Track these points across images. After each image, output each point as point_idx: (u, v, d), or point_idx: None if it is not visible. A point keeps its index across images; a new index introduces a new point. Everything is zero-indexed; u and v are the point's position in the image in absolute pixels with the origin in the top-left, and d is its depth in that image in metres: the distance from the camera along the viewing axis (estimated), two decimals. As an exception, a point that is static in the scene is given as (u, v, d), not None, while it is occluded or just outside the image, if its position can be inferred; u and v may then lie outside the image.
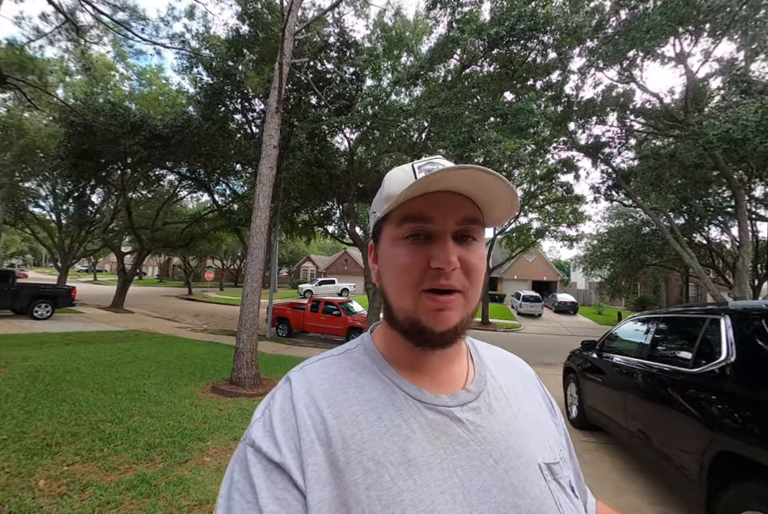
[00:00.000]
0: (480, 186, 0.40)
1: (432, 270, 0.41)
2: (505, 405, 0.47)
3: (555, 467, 0.44)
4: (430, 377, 0.45)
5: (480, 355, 0.53)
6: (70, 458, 2.54)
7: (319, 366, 0.46)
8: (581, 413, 3.98)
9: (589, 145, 11.90)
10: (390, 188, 0.44)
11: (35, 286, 10.18)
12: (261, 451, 0.37)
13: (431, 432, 0.40)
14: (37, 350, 5.99)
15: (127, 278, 14.24)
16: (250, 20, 8.33)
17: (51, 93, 9.10)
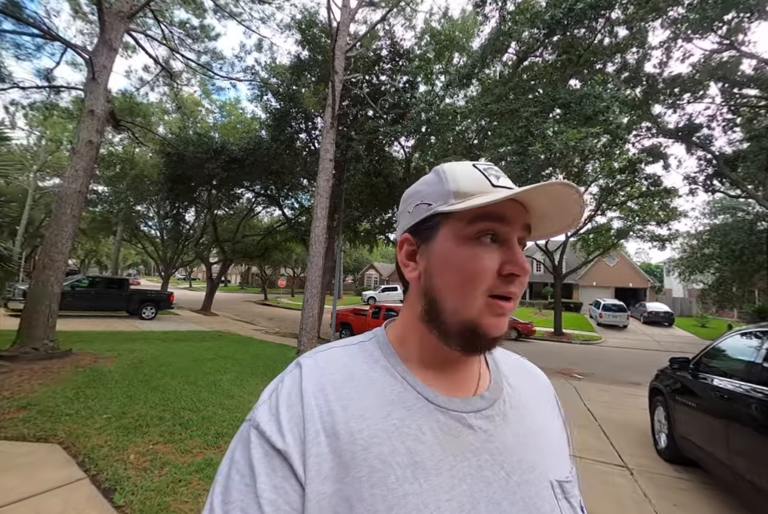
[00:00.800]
0: (553, 200, 0.40)
1: (502, 275, 0.39)
2: (521, 416, 0.45)
3: (567, 485, 0.42)
4: (445, 381, 0.44)
5: (496, 361, 0.51)
6: (155, 438, 2.95)
7: (331, 355, 0.45)
8: (671, 443, 3.41)
9: (680, 128, 10.36)
10: (460, 184, 0.42)
11: (143, 292, 12.09)
12: (265, 435, 0.37)
13: (442, 436, 0.39)
14: (142, 345, 7.07)
15: (213, 285, 16.14)
16: (309, 45, 9.04)
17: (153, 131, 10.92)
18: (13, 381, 3.98)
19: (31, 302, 5.32)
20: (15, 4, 6.00)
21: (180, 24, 8.95)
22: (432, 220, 0.43)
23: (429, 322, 0.43)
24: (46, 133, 15.17)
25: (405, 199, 0.48)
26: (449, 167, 0.45)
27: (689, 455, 3.12)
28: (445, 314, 0.41)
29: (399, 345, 0.46)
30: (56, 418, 3.14)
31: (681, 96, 9.64)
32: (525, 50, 7.41)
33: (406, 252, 0.46)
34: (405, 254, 0.46)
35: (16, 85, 7.41)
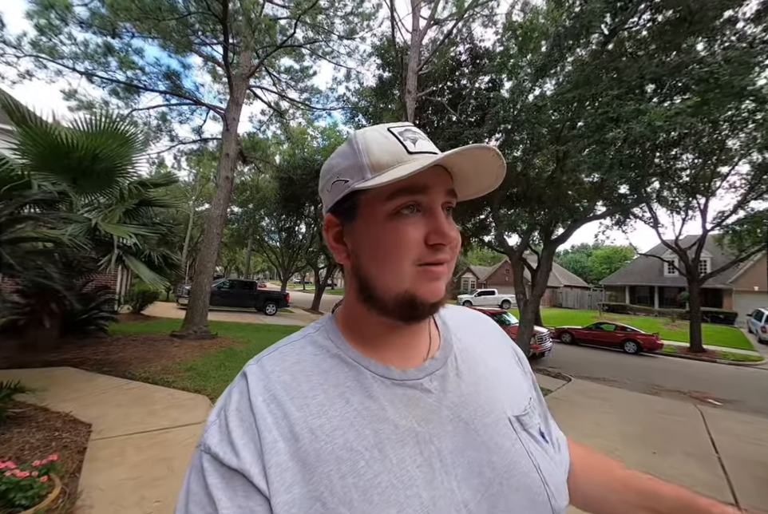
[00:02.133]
0: (474, 161, 0.40)
1: (430, 245, 0.39)
2: (473, 366, 0.46)
3: (524, 418, 0.45)
4: (397, 353, 0.44)
5: (443, 319, 0.51)
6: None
7: (278, 355, 0.43)
8: None
9: None
10: (374, 155, 0.39)
11: (267, 292, 14.66)
12: (218, 457, 0.35)
13: (403, 408, 0.40)
14: (264, 334, 8.75)
15: (320, 287, 18.39)
16: (389, 67, 9.86)
17: (269, 161, 13.35)
18: (182, 352, 5.67)
19: (192, 297, 7.26)
20: (177, 86, 8.36)
21: (285, 70, 10.91)
22: (351, 199, 0.41)
23: (366, 302, 0.42)
24: (200, 171, 19.84)
25: (322, 176, 0.45)
26: (362, 135, 0.41)
27: None
28: (378, 292, 0.40)
29: (346, 327, 0.45)
30: (206, 379, 4.41)
31: None
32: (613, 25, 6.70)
33: (333, 234, 0.44)
34: (332, 236, 0.44)
35: (181, 142, 10.34)
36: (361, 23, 10.04)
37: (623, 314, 23.79)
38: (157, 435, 2.87)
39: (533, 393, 0.51)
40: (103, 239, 4.18)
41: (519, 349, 0.56)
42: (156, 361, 5.09)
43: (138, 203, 5.01)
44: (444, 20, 8.78)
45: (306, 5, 8.46)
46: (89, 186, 4.63)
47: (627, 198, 11.04)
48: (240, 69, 7.87)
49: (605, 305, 25.31)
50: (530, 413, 0.46)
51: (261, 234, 21.28)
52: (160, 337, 6.84)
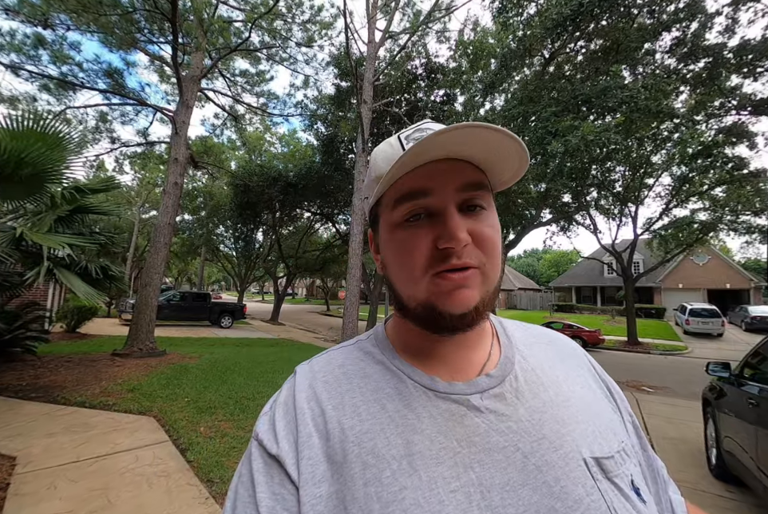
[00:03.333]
0: (478, 145, 0.35)
1: (440, 251, 0.36)
2: (538, 390, 0.40)
3: (608, 462, 0.36)
4: (445, 365, 0.41)
5: (509, 336, 0.47)
6: (220, 417, 3.70)
7: (327, 358, 0.44)
8: (719, 459, 3.12)
9: (763, 100, 8.99)
10: (378, 167, 0.40)
11: (222, 304, 13.92)
12: (263, 444, 0.37)
13: (443, 423, 0.36)
14: (219, 349, 8.30)
15: (280, 297, 17.82)
16: (346, 76, 9.99)
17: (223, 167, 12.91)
18: (124, 372, 5.20)
19: (137, 312, 6.73)
20: (120, 84, 7.85)
21: (240, 74, 10.65)
22: (372, 213, 0.43)
23: (399, 310, 0.42)
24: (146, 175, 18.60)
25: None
26: (374, 150, 0.42)
27: (734, 471, 2.85)
28: (404, 301, 0.40)
29: (396, 338, 0.45)
30: (152, 399, 4.09)
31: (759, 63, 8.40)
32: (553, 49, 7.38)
33: (373, 247, 0.46)
34: (373, 249, 0.46)
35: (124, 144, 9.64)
36: (319, 32, 10.11)
37: (570, 313, 25.59)
38: (93, 463, 2.62)
39: (631, 438, 0.43)
40: (31, 250, 3.76)
41: (614, 384, 0.47)
42: (94, 383, 4.64)
43: (73, 211, 4.59)
44: (398, 34, 9.10)
45: (263, 10, 8.36)
46: (12, 192, 4.17)
47: (570, 206, 12.02)
48: (191, 71, 7.56)
49: (555, 305, 27.06)
50: (618, 458, 0.37)
51: (215, 243, 20.29)
52: (99, 356, 6.24)
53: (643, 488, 0.38)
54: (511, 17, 7.32)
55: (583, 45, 7.85)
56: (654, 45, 7.96)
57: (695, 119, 10.00)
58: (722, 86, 8.88)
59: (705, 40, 7.91)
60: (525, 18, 7.14)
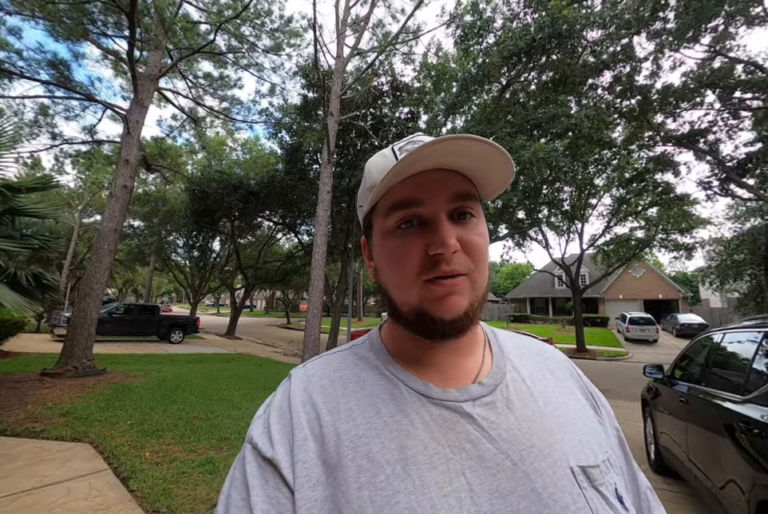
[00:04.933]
0: (468, 156, 0.37)
1: (430, 257, 0.37)
2: (528, 400, 0.41)
3: (593, 471, 0.37)
4: (439, 371, 0.42)
5: (500, 345, 0.48)
6: (168, 441, 3.41)
7: (322, 362, 0.45)
8: (657, 454, 3.39)
9: (684, 136, 10.25)
10: (372, 177, 0.42)
11: (172, 317, 13.01)
12: (257, 447, 0.37)
13: (436, 429, 0.37)
14: (168, 366, 7.69)
15: (237, 310, 16.98)
16: (313, 88, 10.06)
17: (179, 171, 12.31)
18: (55, 394, 4.64)
19: (73, 326, 6.08)
20: (66, 76, 7.29)
21: (204, 76, 10.31)
22: (366, 220, 0.45)
23: (392, 316, 0.43)
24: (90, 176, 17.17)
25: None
26: (369, 160, 0.44)
27: (669, 465, 3.08)
28: (397, 307, 0.41)
29: (391, 344, 0.45)
30: (88, 423, 3.68)
31: (678, 105, 9.66)
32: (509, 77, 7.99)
33: (367, 255, 0.47)
34: (367, 256, 0.47)
35: (66, 142, 8.82)
36: (287, 41, 10.11)
37: (525, 323, 26.88)
38: (16, 499, 2.29)
39: (616, 451, 0.44)
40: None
41: (601, 397, 0.49)
42: (18, 407, 4.09)
43: (2, 212, 4.13)
44: (366, 51, 9.36)
45: (231, 14, 8.23)
46: (-73, 189, 3.68)
47: (524, 222, 12.82)
48: (149, 69, 7.20)
49: (511, 316, 28.31)
50: (603, 467, 0.38)
51: (167, 251, 19.03)
52: (24, 377, 5.53)
53: (626, 497, 0.39)
54: (471, 45, 7.85)
55: (536, 75, 8.59)
56: (596, 81, 8.93)
57: (630, 148, 11.22)
58: (651, 121, 10.09)
59: (636, 81, 8.99)
60: (485, 47, 7.69)
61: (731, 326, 2.89)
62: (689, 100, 9.49)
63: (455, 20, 7.88)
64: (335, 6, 7.28)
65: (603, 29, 6.93)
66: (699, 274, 20.59)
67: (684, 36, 7.51)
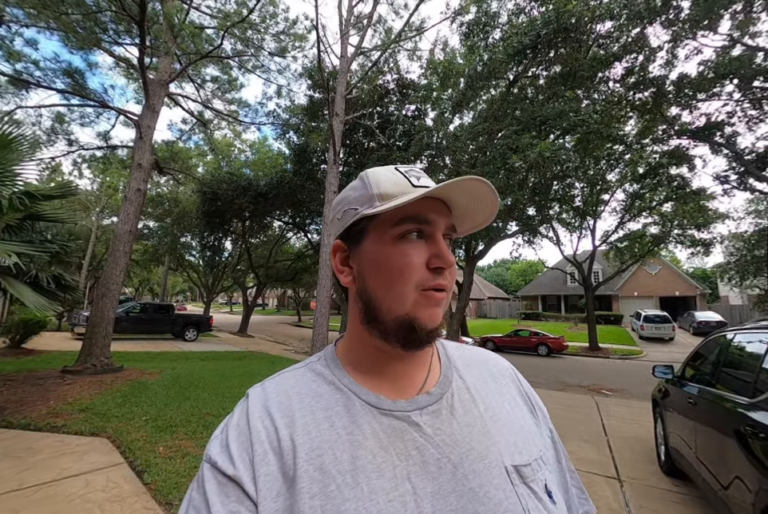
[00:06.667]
0: (470, 195, 0.43)
1: (430, 269, 0.41)
2: (471, 406, 0.45)
3: (525, 469, 0.41)
4: (393, 383, 0.44)
5: (449, 355, 0.51)
6: (181, 436, 3.53)
7: (279, 380, 0.46)
8: (667, 455, 3.32)
9: (700, 128, 9.92)
10: (382, 187, 0.43)
11: (186, 316, 13.31)
12: (216, 465, 0.38)
13: (385, 438, 0.40)
14: (182, 363, 7.91)
15: (249, 308, 17.28)
16: (318, 88, 10.12)
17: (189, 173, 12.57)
18: (75, 390, 4.85)
19: (91, 325, 6.31)
20: (80, 85, 7.52)
21: (211, 80, 10.49)
22: (360, 224, 0.44)
23: (368, 324, 0.44)
24: (106, 180, 17.65)
25: (334, 207, 0.49)
26: (373, 172, 0.46)
27: (679, 466, 3.02)
28: (381, 314, 0.42)
29: (346, 355, 0.47)
30: (106, 419, 3.84)
31: (695, 96, 9.34)
32: (516, 73, 7.88)
33: (339, 258, 0.47)
34: (339, 260, 0.47)
35: (82, 148, 9.13)
36: (293, 43, 10.19)
37: (537, 320, 26.54)
38: (38, 491, 2.43)
39: (549, 450, 0.48)
40: (-29, 259, 3.49)
41: (539, 401, 0.53)
42: (40, 403, 4.28)
43: (23, 218, 4.31)
44: (370, 50, 9.36)
45: (236, 19, 8.34)
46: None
47: (534, 219, 12.65)
48: (159, 75, 7.37)
49: (522, 313, 27.99)
50: (535, 465, 0.42)
51: (180, 251, 19.45)
52: (47, 374, 5.78)
53: (555, 491, 0.43)
54: (476, 41, 7.77)
55: (544, 70, 8.45)
56: (607, 74, 8.71)
57: (643, 142, 10.94)
58: (665, 114, 9.82)
59: (650, 72, 8.74)
60: (490, 42, 7.60)
61: (743, 325, 2.83)
62: (706, 90, 9.15)
63: (459, 15, 7.81)
64: (338, 7, 7.30)
65: (612, 20, 6.77)
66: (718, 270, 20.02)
67: (700, 23, 7.25)
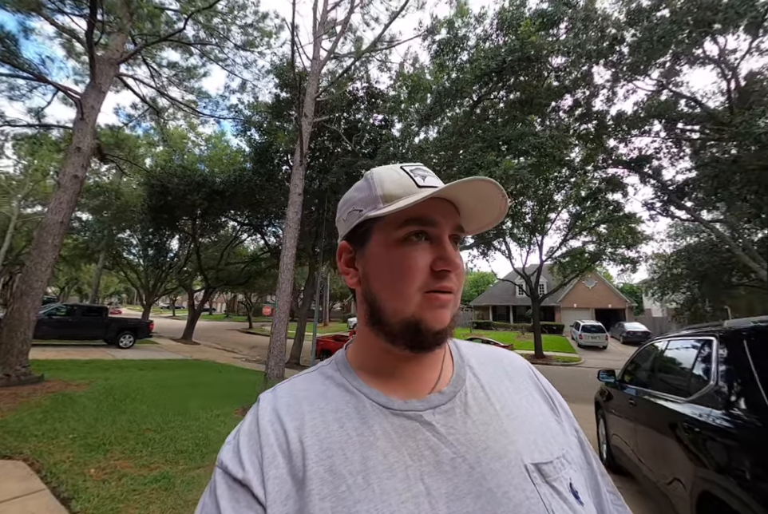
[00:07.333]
0: (478, 195, 0.42)
1: (434, 272, 0.40)
2: (486, 404, 0.44)
3: (547, 467, 0.39)
4: (404, 384, 0.44)
5: (462, 355, 0.50)
6: (117, 455, 3.14)
7: (289, 384, 0.46)
8: (609, 453, 3.61)
9: (632, 160, 11.22)
10: (386, 188, 0.43)
11: (122, 320, 12.05)
12: (227, 470, 0.38)
13: (397, 439, 0.39)
14: (116, 373, 7.12)
15: (195, 313, 16.11)
16: (286, 88, 9.90)
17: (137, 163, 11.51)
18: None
19: (7, 328, 5.47)
20: (12, 52, 6.63)
21: (169, 65, 9.78)
22: (364, 226, 0.44)
23: (374, 326, 0.43)
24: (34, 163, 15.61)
25: (339, 207, 0.48)
26: (377, 171, 0.45)
27: (620, 463, 3.27)
28: (386, 315, 0.42)
29: (356, 358, 0.47)
30: (22, 438, 3.31)
31: (629, 131, 10.58)
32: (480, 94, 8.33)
33: (345, 260, 0.47)
34: (344, 261, 0.47)
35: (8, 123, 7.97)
36: (261, 38, 9.87)
37: (488, 329, 27.82)
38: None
39: (575, 450, 0.46)
40: None
41: (560, 399, 0.51)
42: (-68, 422, 3.61)
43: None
44: (343, 56, 9.38)
45: (201, 5, 7.91)
46: None
47: (489, 232, 13.34)
48: (109, 53, 6.72)
49: (475, 323, 29.15)
50: (557, 463, 0.40)
51: (118, 248, 17.68)
52: (-59, 386, 4.90)
53: (582, 491, 0.40)
54: (446, 60, 8.12)
55: (505, 94, 9.06)
56: (559, 104, 9.55)
57: (587, 168, 12.09)
58: (605, 145, 10.94)
59: (593, 106, 9.72)
60: (459, 63, 7.98)
61: (672, 334, 3.18)
62: (639, 127, 10.38)
63: (431, 33, 8.13)
64: (313, 9, 7.24)
65: (566, 56, 7.45)
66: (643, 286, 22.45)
67: (637, 69, 8.23)
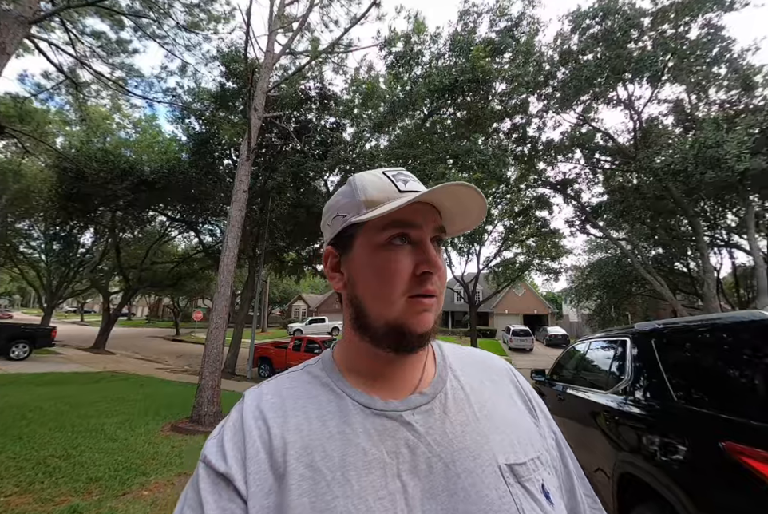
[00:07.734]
0: (458, 199, 0.42)
1: (417, 276, 0.41)
2: (465, 406, 0.45)
3: (520, 468, 0.40)
4: (386, 385, 0.45)
5: (444, 356, 0.51)
6: (9, 490, 2.61)
7: (275, 382, 0.47)
8: None
9: (558, 182, 12.64)
10: (369, 193, 0.43)
11: (13, 326, 10.16)
12: (210, 464, 0.38)
13: (377, 437, 0.40)
14: (7, 390, 5.98)
15: (110, 318, 14.20)
16: (233, 78, 9.34)
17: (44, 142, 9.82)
18: None
19: None
20: None
21: (93, 34, 8.56)
22: (348, 231, 0.45)
23: (359, 328, 0.44)
24: None
25: (324, 212, 0.49)
26: (360, 177, 0.46)
27: None
28: (370, 319, 0.42)
29: (342, 359, 0.48)
30: None
31: (556, 157, 11.94)
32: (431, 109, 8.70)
33: (331, 264, 0.48)
34: (330, 266, 0.48)
35: None
36: (208, 21, 9.16)
37: (427, 334, 28.73)
38: None
39: (551, 452, 0.47)
40: None
41: (540, 402, 0.52)
42: None
43: None
44: (298, 53, 9.12)
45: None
46: None
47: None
48: (19, 9, 5.69)
49: (414, 327, 29.97)
50: (531, 464, 0.41)
51: (13, 240, 14.92)
52: None
53: (554, 492, 0.41)
54: (401, 72, 8.35)
55: (453, 112, 9.59)
56: (499, 126, 10.40)
57: (520, 186, 13.31)
58: (536, 167, 12.18)
59: (528, 131, 10.76)
60: (413, 76, 8.26)
61: (594, 335, 3.58)
62: (563, 154, 11.78)
63: (388, 45, 8.29)
64: (270, 0, 6.94)
65: (509, 83, 8.11)
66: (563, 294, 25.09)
67: (564, 102, 9.31)
